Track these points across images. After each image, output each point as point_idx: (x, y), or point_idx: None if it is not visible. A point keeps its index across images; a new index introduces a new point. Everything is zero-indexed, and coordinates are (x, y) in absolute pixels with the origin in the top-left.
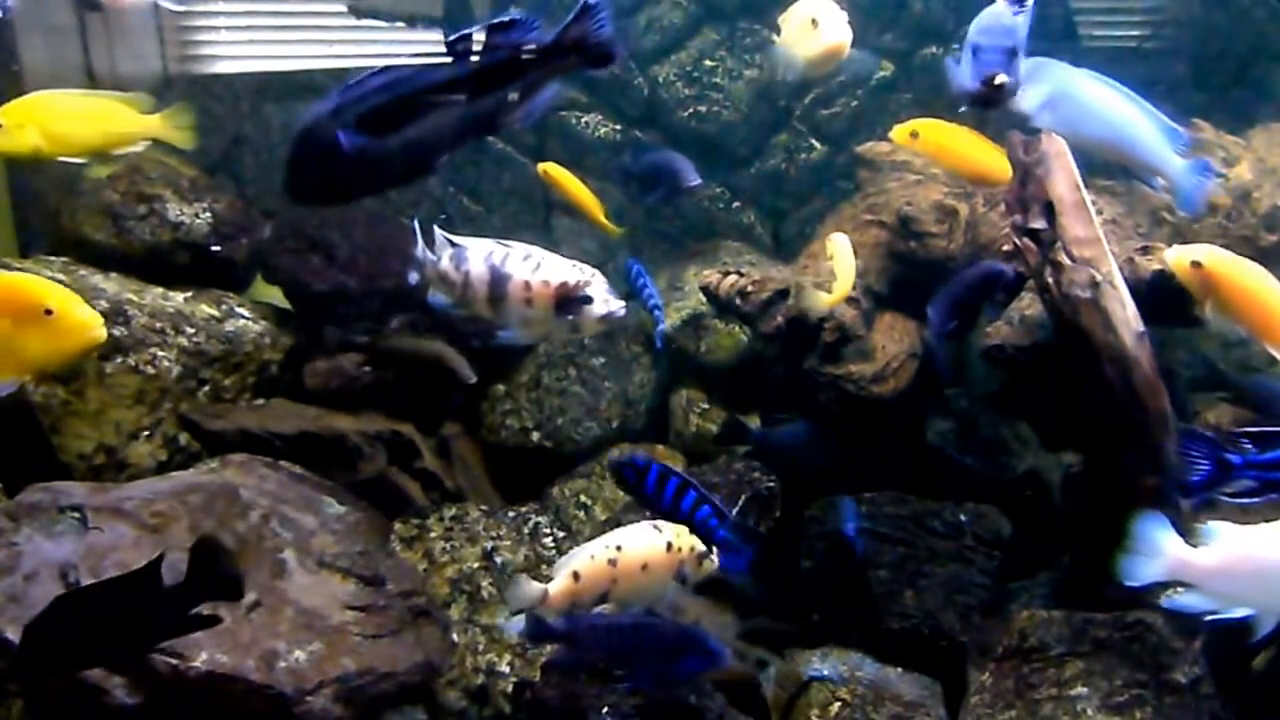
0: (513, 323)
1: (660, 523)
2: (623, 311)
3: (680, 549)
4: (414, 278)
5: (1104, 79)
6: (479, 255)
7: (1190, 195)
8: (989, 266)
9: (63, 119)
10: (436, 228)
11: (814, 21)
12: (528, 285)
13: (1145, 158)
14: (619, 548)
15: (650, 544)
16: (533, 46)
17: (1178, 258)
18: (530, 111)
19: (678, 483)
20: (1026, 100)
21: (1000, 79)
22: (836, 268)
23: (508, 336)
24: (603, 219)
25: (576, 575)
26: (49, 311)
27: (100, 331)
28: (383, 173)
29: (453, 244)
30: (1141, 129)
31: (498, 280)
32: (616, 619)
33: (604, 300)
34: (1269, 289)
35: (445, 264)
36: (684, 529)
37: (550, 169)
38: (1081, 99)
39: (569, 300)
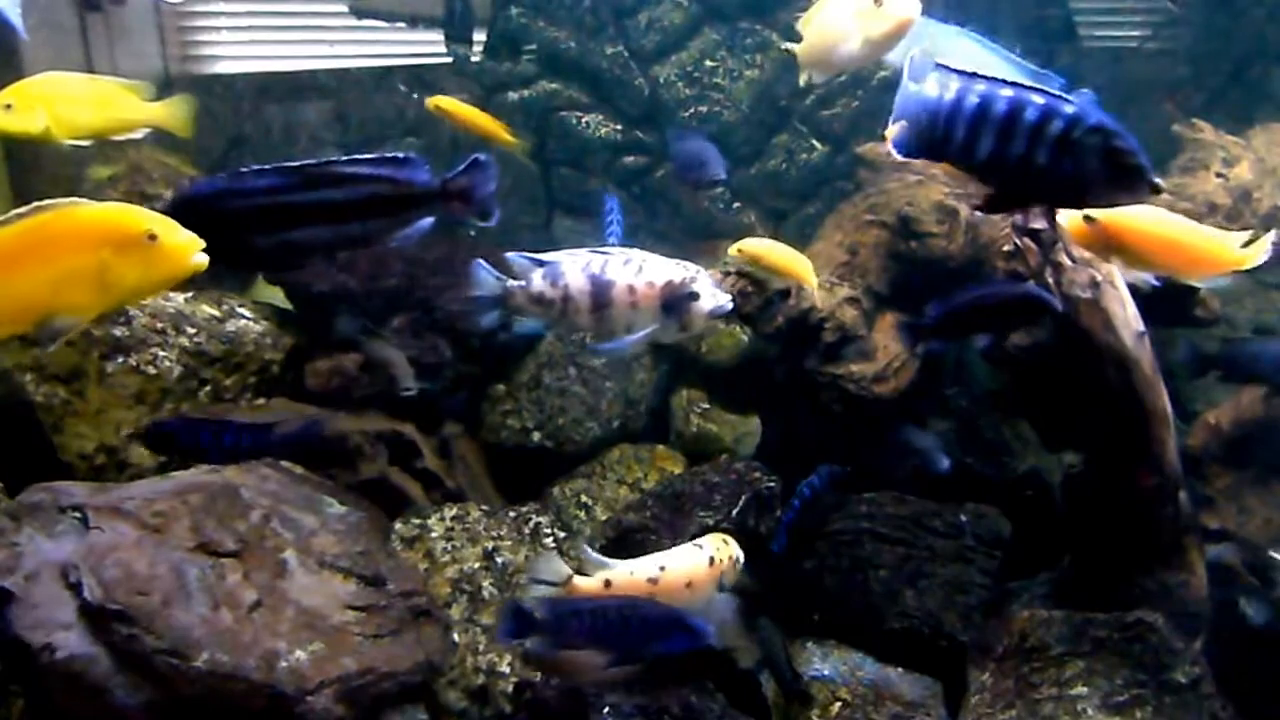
0: (619, 330)
1: (702, 540)
2: (730, 305)
3: (721, 560)
4: (491, 319)
5: (972, 34)
6: (576, 267)
7: None
8: (1031, 291)
9: (70, 101)
10: (511, 254)
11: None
12: (632, 289)
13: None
14: (662, 568)
15: (694, 562)
16: (420, 186)
17: (1071, 217)
18: (407, 237)
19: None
20: (899, 57)
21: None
22: (786, 265)
23: (612, 347)
24: (505, 135)
25: (608, 583)
26: (152, 237)
27: (202, 256)
28: (249, 259)
29: (541, 263)
30: (1010, 76)
31: (600, 288)
32: (599, 603)
33: (711, 295)
34: (1168, 223)
35: (539, 284)
36: (722, 541)
37: (439, 101)
38: (951, 55)
39: (676, 299)
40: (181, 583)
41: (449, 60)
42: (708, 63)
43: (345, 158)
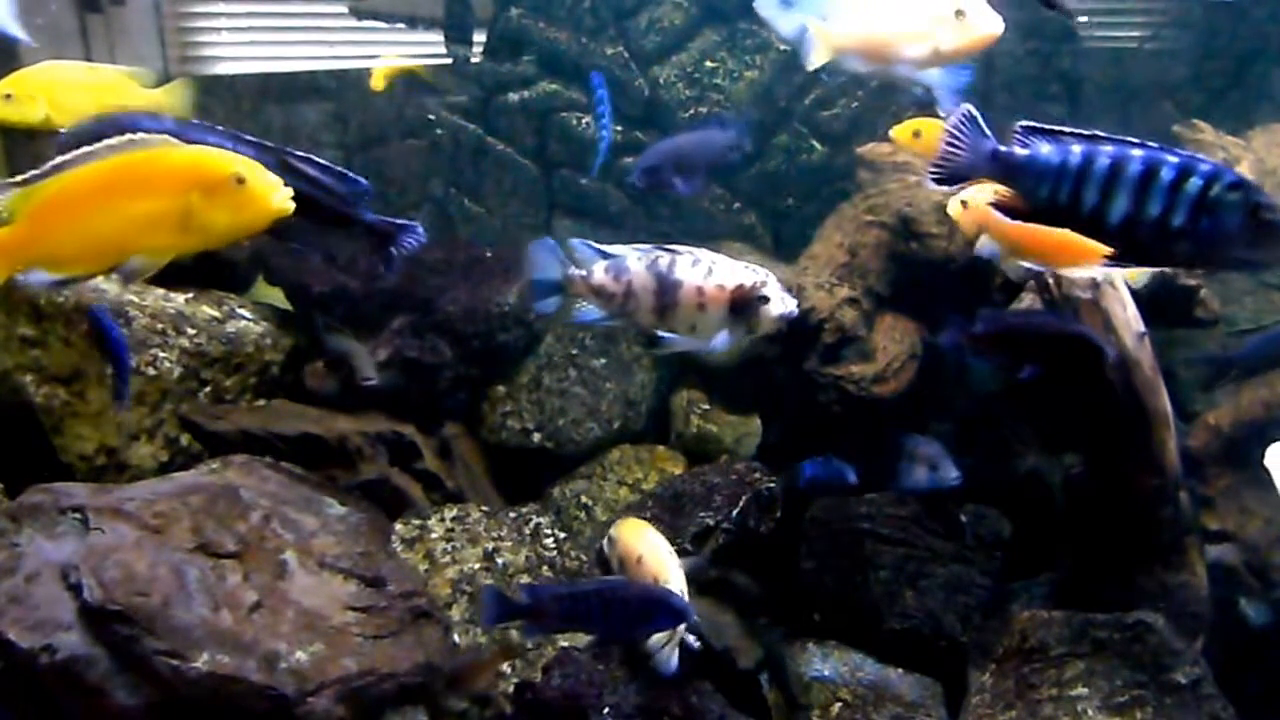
0: (682, 329)
1: None
2: (797, 309)
3: None
4: (549, 305)
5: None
6: (642, 264)
7: (947, 94)
8: (1086, 332)
9: (69, 89)
10: (575, 240)
11: (959, 12)
12: (701, 291)
13: (904, 71)
14: None
15: None
16: (351, 210)
17: (953, 202)
18: (321, 253)
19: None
20: (784, 27)
21: None
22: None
23: (674, 341)
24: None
25: None
26: (240, 181)
27: (288, 202)
28: None
29: (605, 255)
30: None
31: (667, 288)
32: (580, 586)
33: (780, 299)
34: None
35: (600, 276)
36: None
37: (381, 72)
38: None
39: (746, 303)
40: (182, 584)
41: (449, 61)
42: (708, 63)
43: (302, 154)
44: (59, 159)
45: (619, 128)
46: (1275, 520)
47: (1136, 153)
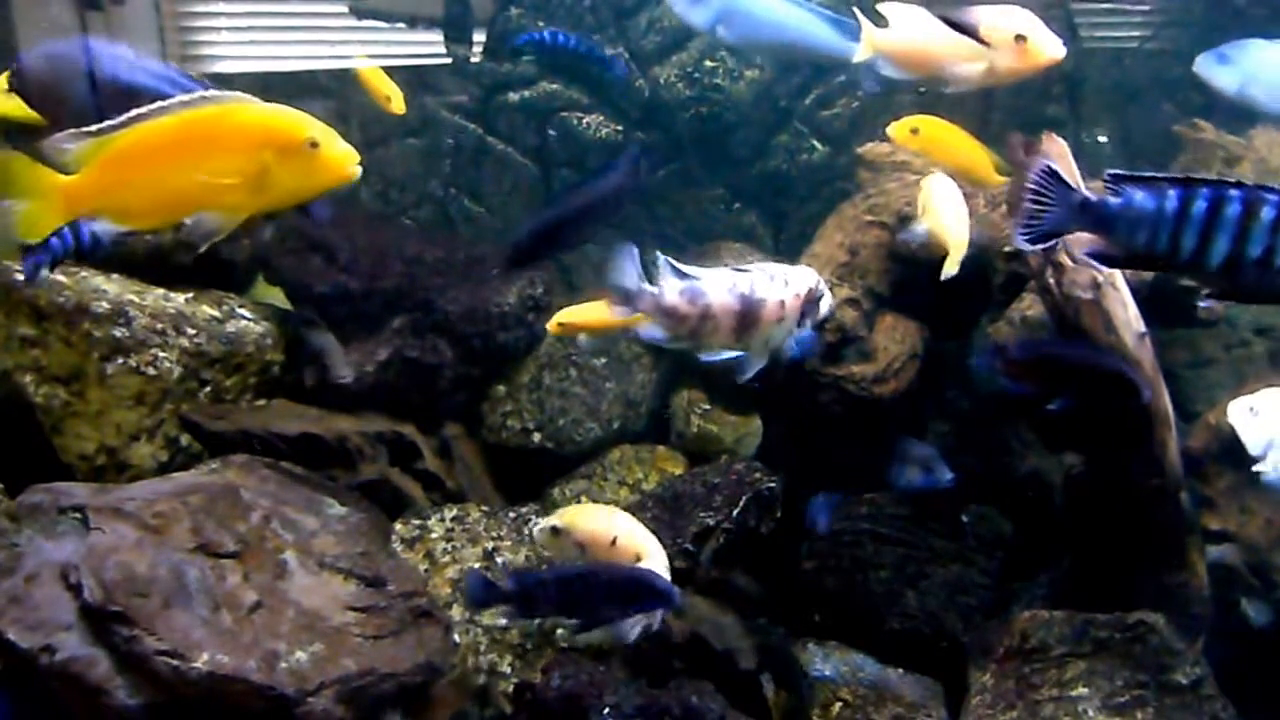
0: (755, 346)
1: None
2: (833, 300)
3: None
4: (622, 311)
5: None
6: (721, 288)
7: (867, 74)
8: (1124, 370)
9: None
10: (661, 255)
11: (1019, 37)
12: (782, 304)
13: (822, 50)
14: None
15: None
16: None
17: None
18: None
19: None
20: (697, 18)
21: None
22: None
23: (714, 359)
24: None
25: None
26: (314, 144)
27: (356, 169)
28: None
29: (682, 275)
30: (813, 26)
31: (750, 309)
32: (564, 571)
33: (828, 297)
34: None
35: (673, 298)
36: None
37: (363, 74)
38: (751, 10)
39: (810, 305)
40: (182, 584)
41: (449, 61)
42: (708, 63)
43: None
44: (135, 111)
45: (619, 127)
46: (1275, 520)
47: (1234, 193)
